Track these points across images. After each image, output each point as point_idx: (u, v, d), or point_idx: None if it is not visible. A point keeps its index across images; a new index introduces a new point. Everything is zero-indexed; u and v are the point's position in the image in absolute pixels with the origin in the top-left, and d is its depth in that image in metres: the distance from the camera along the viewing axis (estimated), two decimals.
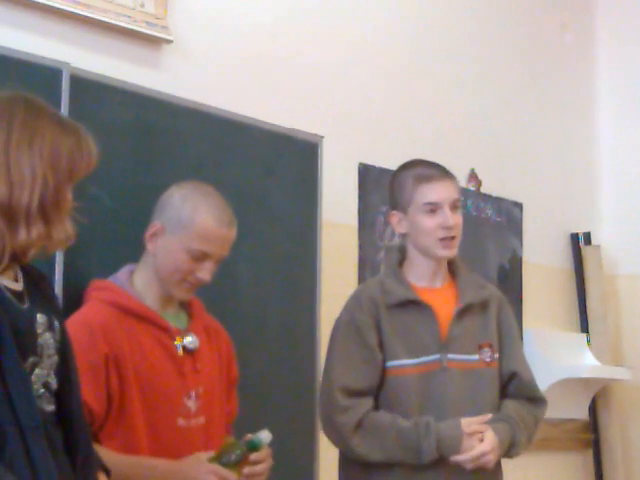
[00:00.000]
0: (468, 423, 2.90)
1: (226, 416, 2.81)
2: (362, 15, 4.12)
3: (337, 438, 2.90)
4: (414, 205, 3.00)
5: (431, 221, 2.97)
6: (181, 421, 2.63)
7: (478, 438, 2.90)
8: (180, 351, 2.66)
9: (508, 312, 3.13)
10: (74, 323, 2.51)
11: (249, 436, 2.58)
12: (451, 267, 3.07)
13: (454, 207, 2.98)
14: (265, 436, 2.56)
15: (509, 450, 2.97)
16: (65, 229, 2.12)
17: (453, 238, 2.98)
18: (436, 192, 2.98)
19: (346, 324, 3.00)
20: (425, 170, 3.03)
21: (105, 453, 2.42)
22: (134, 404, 2.57)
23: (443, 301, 3.02)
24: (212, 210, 2.65)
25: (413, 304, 2.98)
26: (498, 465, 3.02)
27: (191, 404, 2.65)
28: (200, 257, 2.63)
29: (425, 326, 2.98)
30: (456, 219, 2.98)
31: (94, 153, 2.16)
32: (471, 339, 3.01)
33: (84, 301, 2.67)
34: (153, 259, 2.68)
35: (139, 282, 2.69)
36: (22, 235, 2.06)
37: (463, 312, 3.00)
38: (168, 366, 2.64)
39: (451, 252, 3.00)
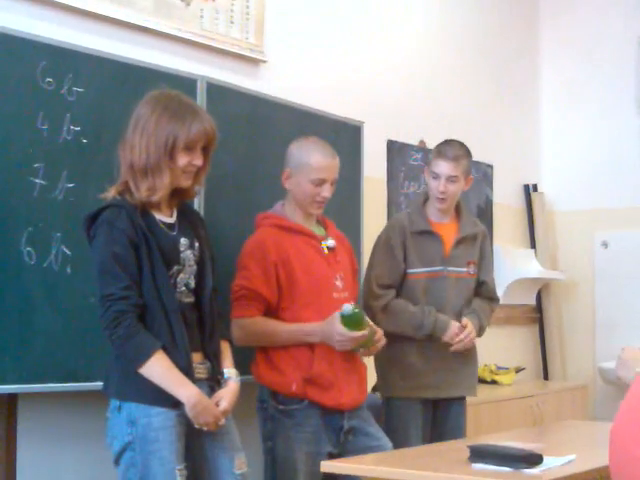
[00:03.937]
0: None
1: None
2: (386, 43, 4.00)
3: (370, 316, 2.80)
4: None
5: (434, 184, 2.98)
6: (335, 294, 2.58)
7: (463, 324, 2.94)
8: (325, 250, 2.62)
9: (488, 242, 3.14)
10: (253, 241, 2.55)
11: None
12: (457, 208, 3.07)
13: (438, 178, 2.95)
14: None
15: (479, 331, 3.02)
16: (163, 182, 2.04)
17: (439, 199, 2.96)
18: (439, 166, 2.96)
19: (383, 241, 3.02)
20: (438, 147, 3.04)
21: (274, 323, 2.48)
22: (302, 287, 2.53)
23: (448, 232, 3.01)
24: (318, 149, 2.58)
25: (429, 233, 2.99)
26: (474, 346, 3.05)
27: (339, 283, 2.59)
28: (319, 183, 2.56)
29: (435, 248, 2.99)
30: (446, 188, 2.94)
31: (196, 129, 2.07)
32: (463, 258, 3.02)
33: (256, 227, 2.63)
34: (291, 194, 2.63)
35: (288, 210, 2.63)
36: (141, 185, 2.06)
37: (460, 240, 3.02)
38: (320, 260, 2.60)
39: (441, 206, 2.97)
